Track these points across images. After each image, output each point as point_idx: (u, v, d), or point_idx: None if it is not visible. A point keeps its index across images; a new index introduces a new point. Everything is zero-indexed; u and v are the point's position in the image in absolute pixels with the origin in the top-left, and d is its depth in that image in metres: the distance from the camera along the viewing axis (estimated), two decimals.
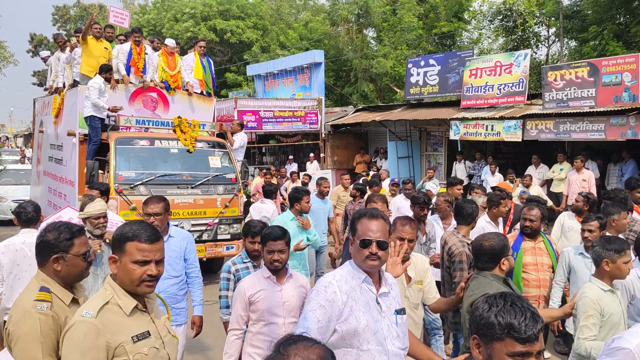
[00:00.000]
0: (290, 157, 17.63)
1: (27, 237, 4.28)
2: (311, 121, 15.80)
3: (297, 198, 5.56)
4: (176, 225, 4.82)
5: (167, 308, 2.60)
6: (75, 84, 9.35)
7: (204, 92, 10.00)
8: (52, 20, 38.57)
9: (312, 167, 15.51)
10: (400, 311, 2.56)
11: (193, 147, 8.29)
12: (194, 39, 20.67)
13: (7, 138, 48.85)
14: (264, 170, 12.82)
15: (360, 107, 17.20)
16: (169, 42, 9.79)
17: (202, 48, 10.11)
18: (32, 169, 12.69)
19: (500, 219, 5.90)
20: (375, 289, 2.49)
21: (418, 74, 14.80)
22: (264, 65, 20.25)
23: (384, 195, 6.53)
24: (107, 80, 8.43)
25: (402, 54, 19.82)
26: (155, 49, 9.78)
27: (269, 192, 7.98)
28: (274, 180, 11.73)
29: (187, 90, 9.64)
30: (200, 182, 8.03)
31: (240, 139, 9.53)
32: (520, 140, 11.24)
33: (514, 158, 14.89)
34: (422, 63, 14.82)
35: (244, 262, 3.99)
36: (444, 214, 5.88)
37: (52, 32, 39.32)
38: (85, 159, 8.06)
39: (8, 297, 4.05)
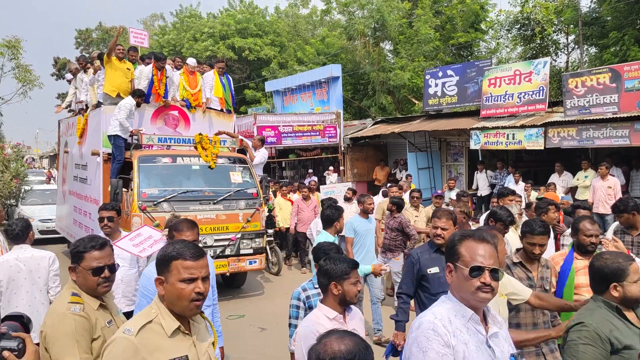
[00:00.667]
0: (310, 170, 17.70)
1: (20, 253, 4.53)
2: (330, 135, 15.87)
3: (335, 217, 5.04)
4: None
5: (214, 332, 2.52)
6: (98, 104, 9.54)
7: (224, 110, 10.16)
8: (75, 43, 39.55)
9: (332, 180, 15.54)
10: (517, 356, 2.20)
11: (214, 163, 8.38)
12: (213, 58, 21.00)
13: (33, 159, 49.97)
14: (280, 184, 12.84)
15: (379, 120, 17.22)
16: (191, 61, 9.96)
17: (221, 68, 10.28)
18: (57, 188, 12.99)
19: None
20: (484, 329, 2.11)
21: (436, 85, 14.79)
22: (282, 81, 20.45)
23: (450, 210, 6.31)
24: (138, 104, 8.62)
25: (420, 65, 19.83)
26: (177, 68, 9.95)
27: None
28: (292, 197, 11.62)
29: (207, 107, 9.82)
30: (222, 198, 8.09)
31: (261, 155, 9.63)
32: (542, 148, 11.12)
33: (536, 166, 14.73)
34: (440, 74, 14.81)
35: (315, 288, 3.55)
36: (460, 225, 5.52)
37: (75, 55, 40.32)
38: (109, 177, 8.19)
39: (5, 311, 4.17)
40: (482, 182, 13.29)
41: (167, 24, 33.92)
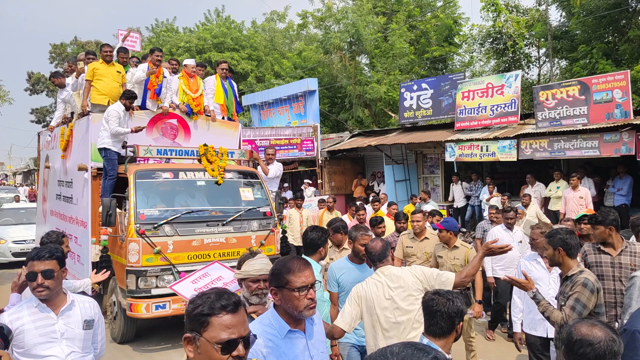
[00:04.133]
0: (286, 184, 17.66)
1: None
2: (307, 148, 15.88)
3: (320, 242, 4.26)
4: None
5: None
6: (85, 113, 8.37)
7: (225, 118, 9.18)
8: (49, 58, 39.04)
9: (308, 194, 15.53)
10: None
11: (222, 178, 7.31)
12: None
13: (7, 175, 48.94)
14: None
15: (356, 133, 17.31)
16: (189, 62, 8.97)
17: (224, 70, 9.19)
18: (37, 207, 11.82)
19: None
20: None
21: (411, 98, 14.94)
22: (259, 95, 20.45)
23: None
24: (126, 107, 7.52)
25: (395, 79, 20.05)
26: (174, 72, 9.04)
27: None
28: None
29: (209, 115, 8.81)
30: (232, 218, 6.99)
31: (275, 168, 8.51)
32: (515, 159, 11.28)
33: (510, 178, 14.95)
34: (415, 87, 14.97)
35: None
36: (542, 249, 4.64)
37: (49, 69, 39.78)
38: (101, 195, 7.19)
39: None
40: (458, 193, 13.43)
41: (144, 38, 33.73)
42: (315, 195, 15.20)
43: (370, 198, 12.00)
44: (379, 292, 3.65)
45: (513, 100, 12.04)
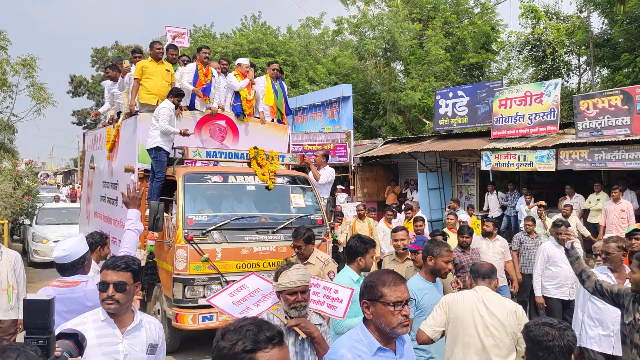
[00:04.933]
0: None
1: None
2: (340, 154, 15.89)
3: (359, 251, 4.09)
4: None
5: None
6: (132, 113, 8.13)
7: (274, 120, 8.80)
8: (91, 62, 40.25)
9: (340, 200, 15.53)
10: None
11: (272, 182, 6.92)
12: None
13: (48, 175, 50.57)
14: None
15: (389, 139, 17.24)
16: (243, 61, 8.62)
17: (275, 71, 8.80)
18: (81, 208, 11.58)
19: None
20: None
21: (447, 106, 14.80)
22: (293, 101, 20.56)
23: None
24: (175, 106, 7.22)
25: (430, 85, 19.89)
26: (223, 72, 8.74)
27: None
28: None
29: (257, 117, 8.49)
30: (282, 226, 6.57)
31: (327, 174, 7.98)
32: (553, 170, 11.03)
33: (547, 188, 14.61)
34: (451, 94, 14.82)
35: None
36: (616, 264, 4.57)
37: (91, 73, 41.03)
38: (147, 198, 6.81)
39: None
40: (493, 203, 13.20)
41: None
42: (347, 202, 15.19)
43: (403, 206, 11.93)
44: (472, 305, 3.50)
45: (552, 109, 11.78)
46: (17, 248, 13.94)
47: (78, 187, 33.62)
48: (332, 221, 7.44)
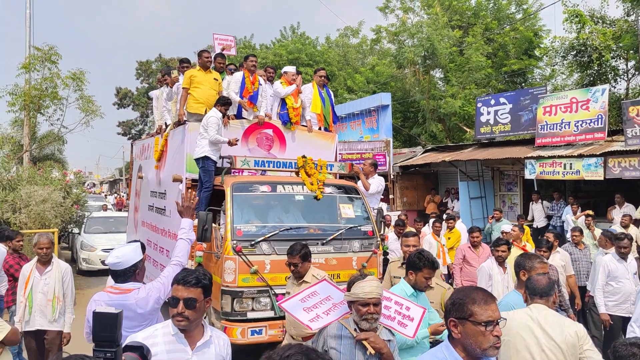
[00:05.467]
0: None
1: None
2: (379, 163, 15.82)
3: (416, 265, 3.95)
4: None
5: None
6: (180, 123, 7.99)
7: (321, 128, 8.58)
8: (135, 74, 41.51)
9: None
10: None
11: (321, 192, 6.72)
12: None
13: (94, 184, 52.27)
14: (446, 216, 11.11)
15: (429, 148, 17.06)
16: (289, 69, 8.47)
17: (322, 78, 8.62)
18: (129, 216, 11.66)
19: None
20: None
21: (488, 113, 14.55)
22: None
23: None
24: (222, 114, 7.17)
25: (471, 93, 19.62)
26: (269, 80, 8.64)
27: None
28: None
29: (304, 125, 8.32)
30: (332, 237, 6.35)
31: (377, 183, 7.70)
32: (602, 178, 10.67)
33: (595, 197, 14.13)
34: (493, 102, 14.57)
35: None
36: None
37: (136, 85, 42.30)
38: (195, 209, 6.73)
39: None
40: (538, 213, 12.83)
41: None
42: (387, 211, 15.09)
43: (444, 215, 11.75)
44: (525, 326, 3.27)
45: (600, 116, 11.42)
46: (65, 255, 14.47)
47: (124, 196, 34.64)
48: (382, 232, 7.14)
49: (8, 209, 10.79)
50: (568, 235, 10.50)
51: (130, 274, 3.43)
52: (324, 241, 6.29)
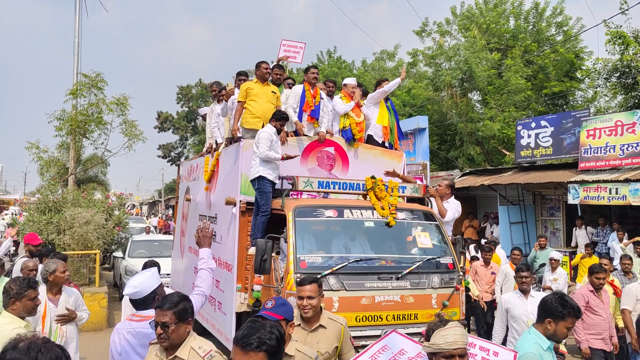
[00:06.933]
0: None
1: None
2: None
3: (553, 312, 3.42)
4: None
5: None
6: (234, 139, 7.19)
7: (386, 144, 7.65)
8: (176, 99, 42.70)
9: None
10: None
11: (394, 218, 5.80)
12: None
13: (134, 206, 53.55)
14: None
15: (467, 171, 16.81)
16: (349, 81, 7.64)
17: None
18: (174, 241, 10.95)
19: None
20: None
21: (529, 136, 14.27)
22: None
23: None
24: (279, 131, 6.41)
25: (510, 115, 19.31)
26: (329, 95, 7.82)
27: None
28: None
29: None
30: (408, 271, 5.40)
31: (454, 208, 6.63)
32: None
33: None
34: (533, 125, 14.30)
35: None
36: None
37: (176, 109, 43.46)
38: (251, 235, 6.10)
39: None
40: (582, 239, 12.39)
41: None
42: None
43: (483, 241, 11.48)
44: None
45: None
46: (107, 277, 14.63)
47: (163, 218, 35.22)
48: (463, 265, 6.06)
49: (53, 230, 11.12)
50: (615, 263, 10.09)
51: (150, 300, 3.40)
52: (399, 275, 5.35)
